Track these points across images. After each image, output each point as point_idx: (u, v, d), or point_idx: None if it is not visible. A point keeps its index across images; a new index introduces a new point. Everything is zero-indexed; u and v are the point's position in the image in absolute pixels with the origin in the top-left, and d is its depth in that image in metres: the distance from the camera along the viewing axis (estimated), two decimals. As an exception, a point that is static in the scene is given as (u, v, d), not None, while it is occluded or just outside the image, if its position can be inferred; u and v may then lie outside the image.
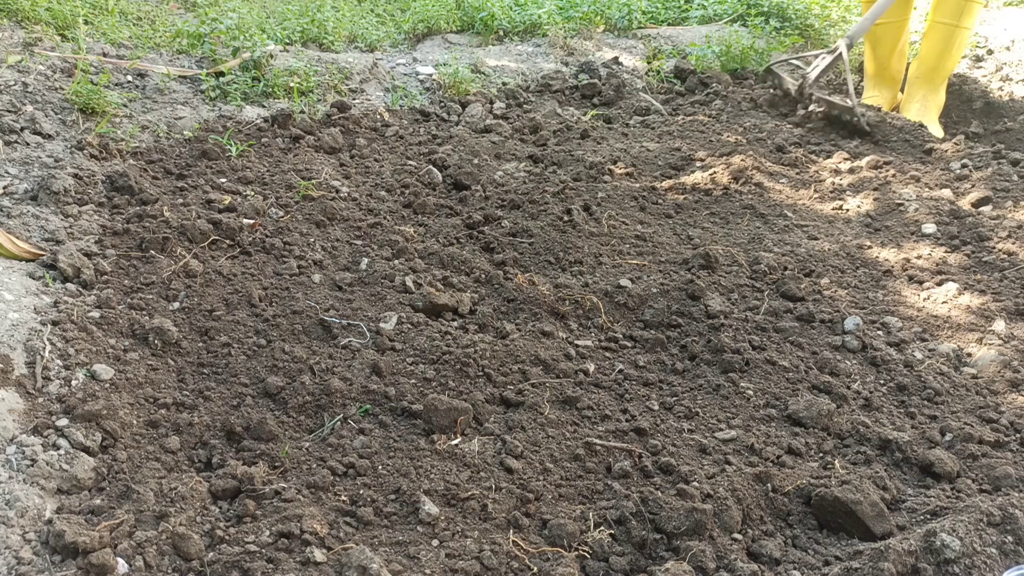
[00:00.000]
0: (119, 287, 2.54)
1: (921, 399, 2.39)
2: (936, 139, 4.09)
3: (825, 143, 4.07)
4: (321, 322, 2.51)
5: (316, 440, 2.13)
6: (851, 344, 2.57)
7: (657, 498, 1.92)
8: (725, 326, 2.60)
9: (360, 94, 4.22)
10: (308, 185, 3.22)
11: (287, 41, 4.57)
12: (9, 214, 2.69)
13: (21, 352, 2.16)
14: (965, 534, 1.75)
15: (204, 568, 1.72)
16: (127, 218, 2.85)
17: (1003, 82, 4.73)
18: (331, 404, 2.22)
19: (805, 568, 1.84)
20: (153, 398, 2.18)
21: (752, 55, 4.90)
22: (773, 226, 3.32)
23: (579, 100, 4.52)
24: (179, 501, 1.85)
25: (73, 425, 1.99)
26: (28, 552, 1.69)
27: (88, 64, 3.71)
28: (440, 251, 2.94)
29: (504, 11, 5.19)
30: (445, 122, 4.11)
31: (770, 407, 2.33)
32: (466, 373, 2.34)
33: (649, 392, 2.40)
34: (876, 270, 3.04)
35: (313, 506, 1.88)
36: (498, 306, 2.71)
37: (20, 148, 3.08)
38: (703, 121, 4.23)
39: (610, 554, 1.84)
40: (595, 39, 5.12)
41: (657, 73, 4.80)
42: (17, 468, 1.84)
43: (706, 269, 2.91)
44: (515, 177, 3.56)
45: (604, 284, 2.82)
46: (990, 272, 3.02)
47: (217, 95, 3.85)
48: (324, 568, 1.71)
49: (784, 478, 2.03)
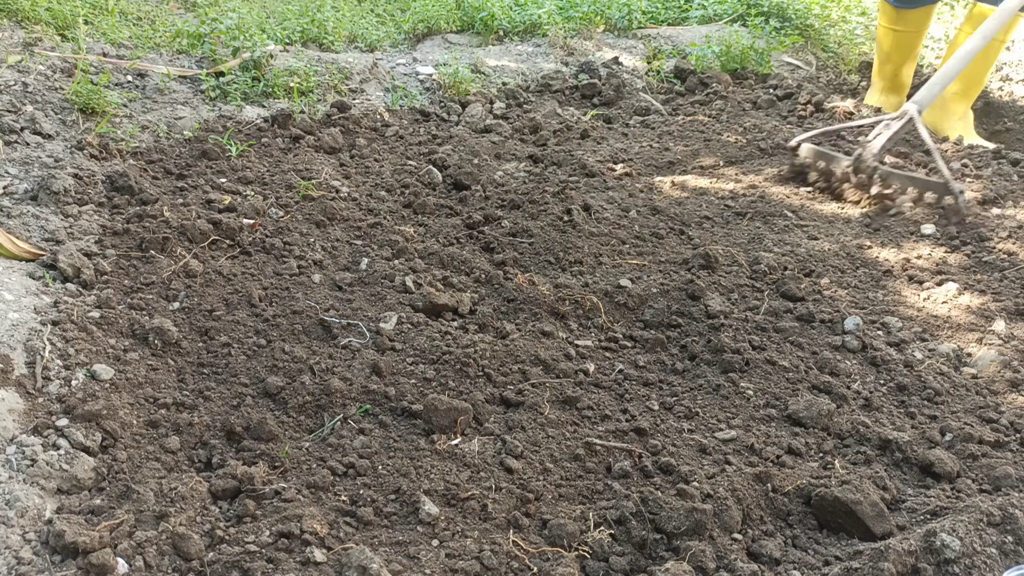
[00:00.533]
0: (119, 287, 2.54)
1: (921, 399, 2.39)
2: (936, 140, 4.08)
3: (825, 143, 4.07)
4: (321, 322, 2.51)
5: (316, 440, 2.13)
6: (851, 344, 2.57)
7: (657, 498, 1.92)
8: (725, 326, 2.61)
9: (360, 94, 4.22)
10: (308, 185, 3.22)
11: (287, 41, 4.57)
12: (9, 214, 2.69)
13: (21, 352, 2.16)
14: (965, 534, 1.75)
15: (204, 568, 1.72)
16: (127, 218, 2.85)
17: (1003, 82, 4.74)
18: (331, 404, 2.22)
19: (805, 568, 1.84)
20: (153, 398, 2.18)
21: (752, 55, 4.90)
22: (773, 226, 3.32)
23: (579, 100, 4.52)
24: (179, 501, 1.85)
25: (73, 425, 1.99)
26: (28, 552, 1.69)
27: (88, 64, 3.71)
28: (440, 251, 2.94)
29: (504, 11, 5.19)
30: (445, 122, 4.11)
31: (770, 407, 2.33)
32: (466, 373, 2.34)
33: (649, 392, 2.40)
34: (876, 270, 3.04)
35: (313, 506, 1.88)
36: (498, 306, 2.71)
37: (20, 148, 3.09)
38: (703, 121, 4.23)
39: (610, 554, 1.84)
40: (595, 39, 5.12)
41: (657, 73, 4.80)
42: (17, 468, 1.84)
43: (706, 269, 2.91)
44: (515, 177, 3.57)
45: (604, 284, 2.82)
46: (990, 272, 3.02)
47: (217, 95, 3.86)
48: (324, 568, 1.71)
49: (784, 478, 2.03)
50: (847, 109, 4.35)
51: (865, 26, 5.53)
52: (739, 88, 4.69)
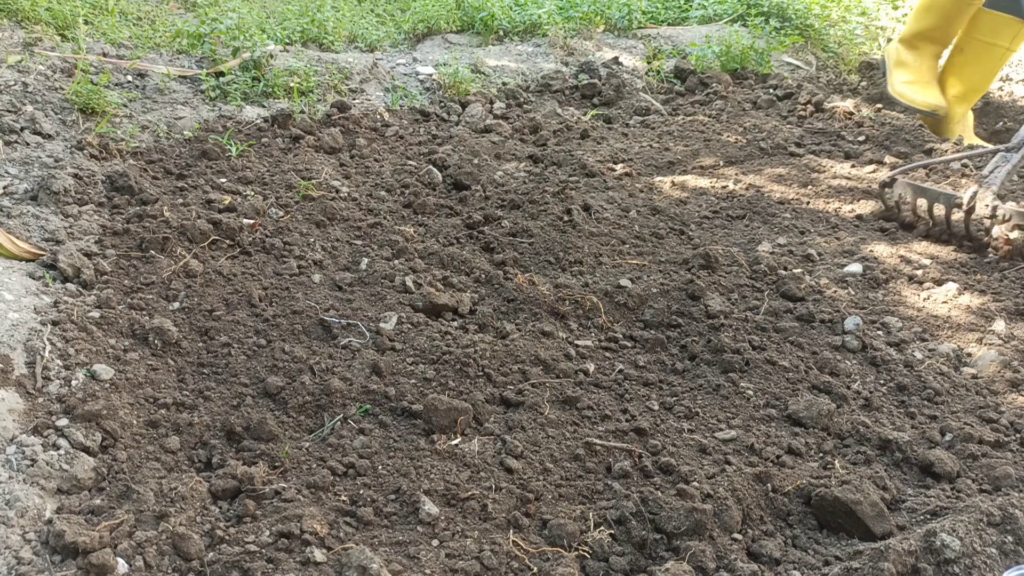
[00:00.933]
0: (119, 287, 2.54)
1: (921, 399, 2.39)
2: (936, 140, 4.08)
3: (825, 143, 4.07)
4: (321, 322, 2.51)
5: (316, 440, 2.13)
6: (851, 344, 2.57)
7: (657, 498, 1.92)
8: (725, 326, 2.61)
9: (360, 94, 4.22)
10: (308, 185, 3.22)
11: (287, 41, 4.57)
12: (9, 214, 2.69)
13: (21, 352, 2.16)
14: (965, 534, 1.75)
15: (204, 568, 1.72)
16: (127, 218, 2.85)
17: (1003, 82, 4.74)
18: (331, 404, 2.22)
19: (805, 568, 1.84)
20: (153, 398, 2.18)
21: (752, 55, 4.90)
22: (773, 226, 3.32)
23: (579, 100, 4.52)
24: (179, 501, 1.85)
25: (73, 425, 1.99)
26: (28, 552, 1.69)
27: (88, 64, 3.71)
28: (440, 251, 2.94)
29: (504, 11, 5.19)
30: (445, 122, 4.11)
31: (770, 407, 2.33)
32: (466, 373, 2.34)
33: (649, 392, 2.40)
34: (876, 270, 3.04)
35: (313, 506, 1.88)
36: (498, 306, 2.71)
37: (20, 148, 3.08)
38: (703, 121, 4.23)
39: (610, 554, 1.84)
40: (595, 39, 5.12)
41: (657, 73, 4.80)
42: (17, 468, 1.84)
43: (706, 269, 2.91)
44: (515, 177, 3.57)
45: (604, 284, 2.82)
46: (990, 272, 3.02)
47: (217, 95, 3.86)
48: (324, 568, 1.71)
49: (784, 478, 2.03)
50: (847, 109, 4.35)
51: (865, 26, 5.53)
52: (739, 88, 4.69)
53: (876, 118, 4.27)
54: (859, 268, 3.01)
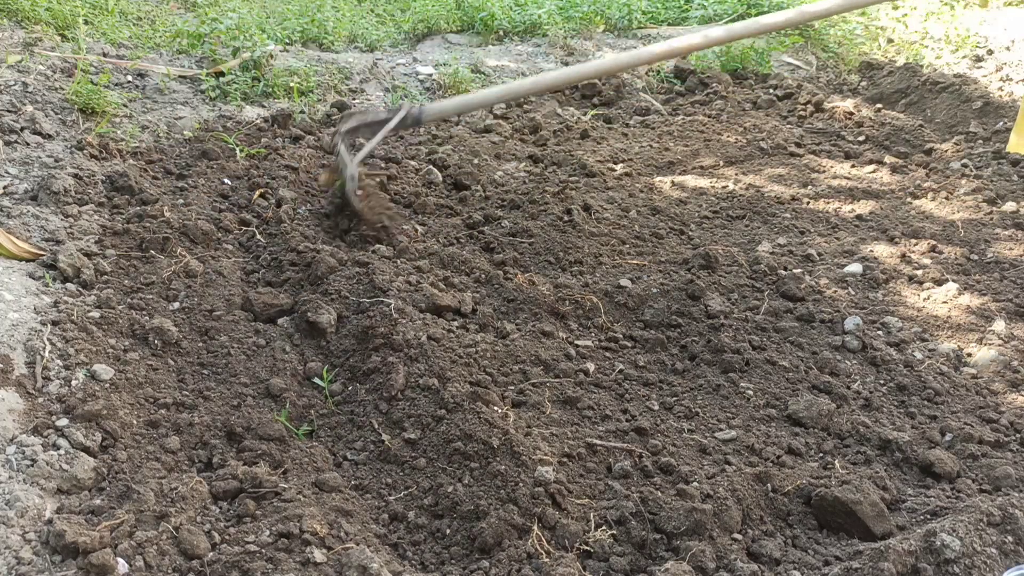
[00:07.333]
0: (119, 287, 2.54)
1: (921, 399, 2.39)
2: (936, 140, 4.08)
3: (825, 143, 4.07)
4: (321, 322, 2.51)
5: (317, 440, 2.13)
6: (851, 344, 2.57)
7: (657, 498, 1.92)
8: (725, 326, 2.60)
9: (360, 94, 4.22)
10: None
11: (287, 41, 4.57)
12: (9, 214, 2.69)
13: (21, 352, 2.16)
14: (965, 534, 1.75)
15: (204, 568, 1.72)
16: (127, 218, 2.85)
17: (1003, 82, 4.73)
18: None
19: (805, 568, 1.84)
20: (153, 398, 2.18)
21: (752, 55, 4.90)
22: (773, 226, 3.32)
23: (579, 100, 4.52)
24: (179, 501, 1.85)
25: (73, 425, 1.99)
26: (28, 552, 1.69)
27: (88, 64, 3.71)
28: (440, 251, 2.94)
29: (504, 11, 5.19)
30: (445, 122, 4.10)
31: (770, 407, 2.33)
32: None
33: (649, 392, 2.40)
34: (876, 270, 3.04)
35: (313, 506, 1.88)
36: (498, 306, 2.71)
37: (20, 148, 3.08)
38: (703, 121, 4.23)
39: (610, 554, 1.84)
40: (595, 39, 5.12)
41: (657, 73, 4.80)
42: (17, 468, 1.84)
43: (706, 269, 2.90)
44: (515, 177, 3.56)
45: (604, 284, 2.82)
46: (990, 272, 3.02)
47: (217, 95, 3.85)
48: (324, 568, 1.71)
49: (784, 478, 2.03)
50: (847, 109, 4.35)
51: (865, 26, 5.53)
52: (739, 88, 4.69)
53: (876, 118, 4.27)
54: (859, 268, 3.01)
